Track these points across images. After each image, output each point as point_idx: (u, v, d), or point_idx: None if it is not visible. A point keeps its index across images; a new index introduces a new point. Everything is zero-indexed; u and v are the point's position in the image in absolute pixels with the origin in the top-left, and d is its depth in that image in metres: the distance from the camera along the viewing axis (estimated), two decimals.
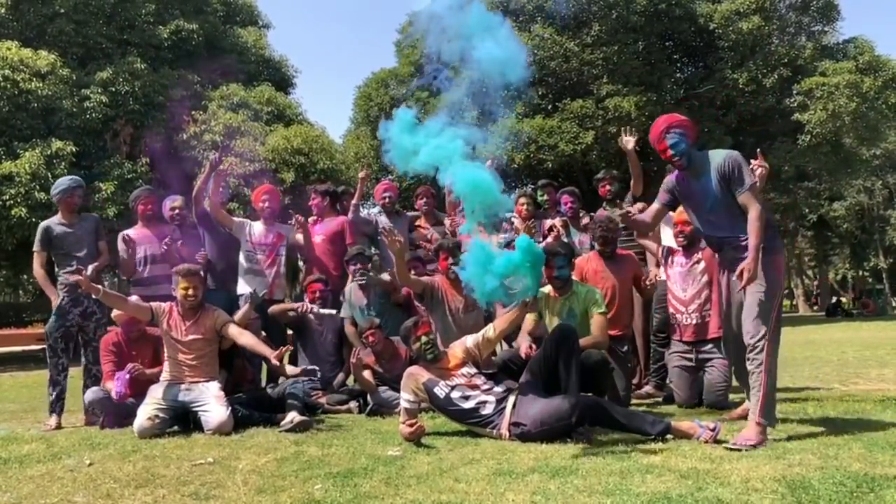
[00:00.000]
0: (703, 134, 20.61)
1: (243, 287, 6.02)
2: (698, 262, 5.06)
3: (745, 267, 3.54)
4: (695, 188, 3.86)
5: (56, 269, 5.69)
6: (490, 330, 4.21)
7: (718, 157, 3.75)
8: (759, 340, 3.55)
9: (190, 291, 4.79)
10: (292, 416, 4.51)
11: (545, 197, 6.68)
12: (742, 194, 3.66)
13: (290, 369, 5.06)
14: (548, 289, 4.86)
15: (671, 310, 5.17)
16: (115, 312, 5.13)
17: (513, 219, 6.25)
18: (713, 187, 3.75)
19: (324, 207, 6.58)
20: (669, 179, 4.05)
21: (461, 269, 3.94)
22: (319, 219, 6.57)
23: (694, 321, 5.04)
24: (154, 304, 4.89)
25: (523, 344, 4.56)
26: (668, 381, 5.39)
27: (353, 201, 6.41)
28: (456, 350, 4.23)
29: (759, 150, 4.53)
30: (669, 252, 5.25)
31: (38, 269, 5.67)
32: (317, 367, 5.08)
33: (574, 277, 4.97)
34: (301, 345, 5.81)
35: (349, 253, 5.96)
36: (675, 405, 5.07)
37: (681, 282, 5.11)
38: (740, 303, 3.75)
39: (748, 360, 3.63)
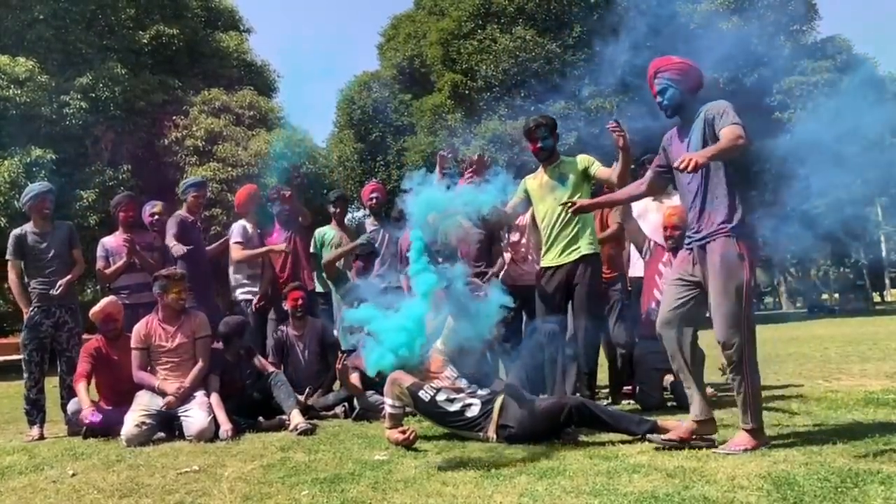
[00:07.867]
0: None
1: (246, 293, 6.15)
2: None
3: (693, 155, 2.96)
4: (682, 148, 3.31)
5: (26, 279, 5.51)
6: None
7: (707, 106, 3.26)
8: (735, 352, 3.18)
9: (183, 295, 4.95)
10: (296, 422, 4.57)
11: None
12: (723, 127, 3.09)
13: None
14: (530, 178, 4.84)
15: (653, 305, 4.80)
16: (93, 310, 5.10)
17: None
18: (696, 141, 3.24)
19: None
20: (665, 135, 3.51)
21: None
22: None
23: None
24: (135, 334, 4.93)
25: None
26: (640, 383, 5.00)
27: None
28: (433, 353, 4.22)
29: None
30: (660, 249, 5.01)
31: (13, 279, 5.48)
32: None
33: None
34: (284, 358, 5.74)
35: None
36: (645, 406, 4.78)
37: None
38: (692, 299, 3.35)
39: (730, 372, 3.22)
